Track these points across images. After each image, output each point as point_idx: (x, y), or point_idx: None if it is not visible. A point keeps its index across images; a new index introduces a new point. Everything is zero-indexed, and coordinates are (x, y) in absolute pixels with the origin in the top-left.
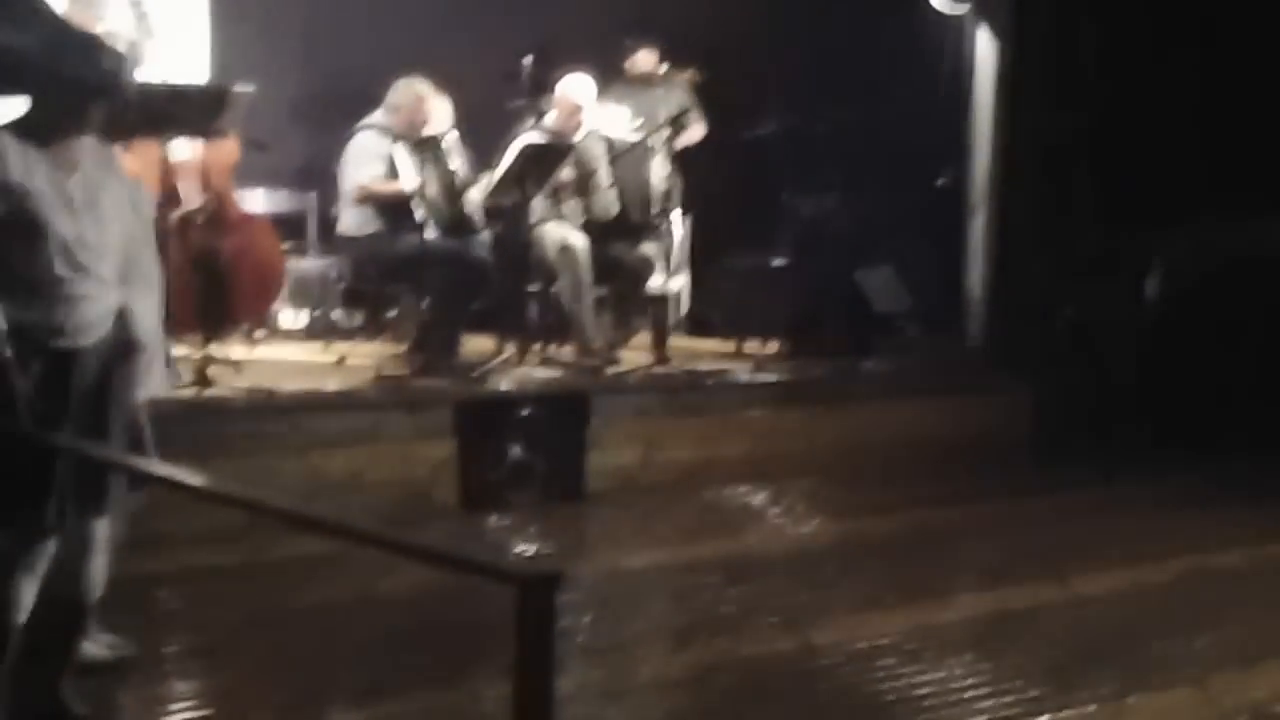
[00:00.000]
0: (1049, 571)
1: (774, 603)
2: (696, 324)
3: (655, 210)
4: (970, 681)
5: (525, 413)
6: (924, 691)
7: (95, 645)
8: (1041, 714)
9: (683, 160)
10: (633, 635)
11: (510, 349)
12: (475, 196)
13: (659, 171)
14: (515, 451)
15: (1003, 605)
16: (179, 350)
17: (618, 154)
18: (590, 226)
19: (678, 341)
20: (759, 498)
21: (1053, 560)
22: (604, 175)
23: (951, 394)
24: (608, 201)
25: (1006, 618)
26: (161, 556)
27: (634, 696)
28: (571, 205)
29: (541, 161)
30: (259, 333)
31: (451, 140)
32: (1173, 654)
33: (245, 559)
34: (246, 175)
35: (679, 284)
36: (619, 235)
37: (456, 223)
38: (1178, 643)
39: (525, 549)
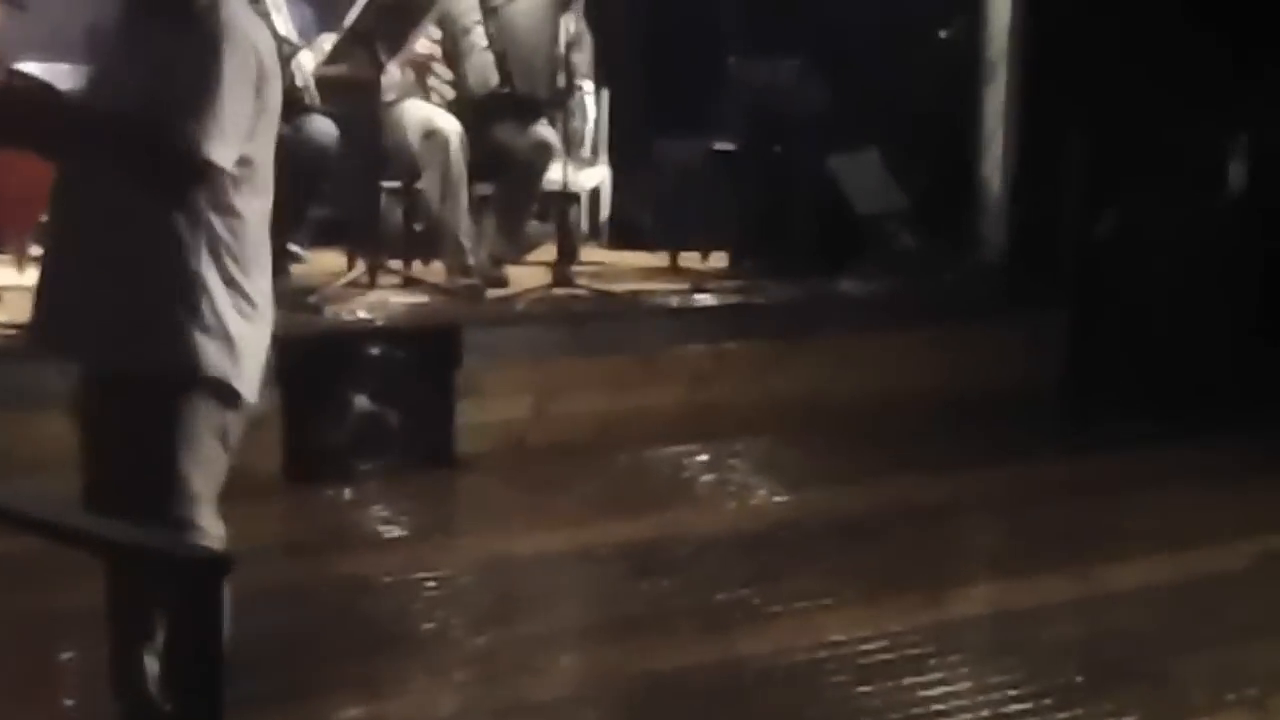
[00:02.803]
0: (1069, 559)
1: (700, 600)
2: (620, 232)
3: (557, 80)
4: (950, 703)
5: (376, 351)
6: (889, 716)
7: None
8: None
9: (596, 13)
10: (517, 641)
11: (359, 267)
12: (309, 66)
13: (562, 28)
14: (362, 403)
15: (1003, 603)
16: None
17: (499, 6)
18: (465, 104)
19: (593, 255)
20: (691, 463)
21: (1075, 544)
22: (480, 35)
23: (956, 324)
24: (485, 70)
25: (1007, 619)
26: None
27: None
28: (439, 77)
29: (395, 18)
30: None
31: None
32: (1224, 667)
33: None
34: (11, 45)
35: (594, 178)
36: (505, 114)
37: (285, 100)
38: (1231, 652)
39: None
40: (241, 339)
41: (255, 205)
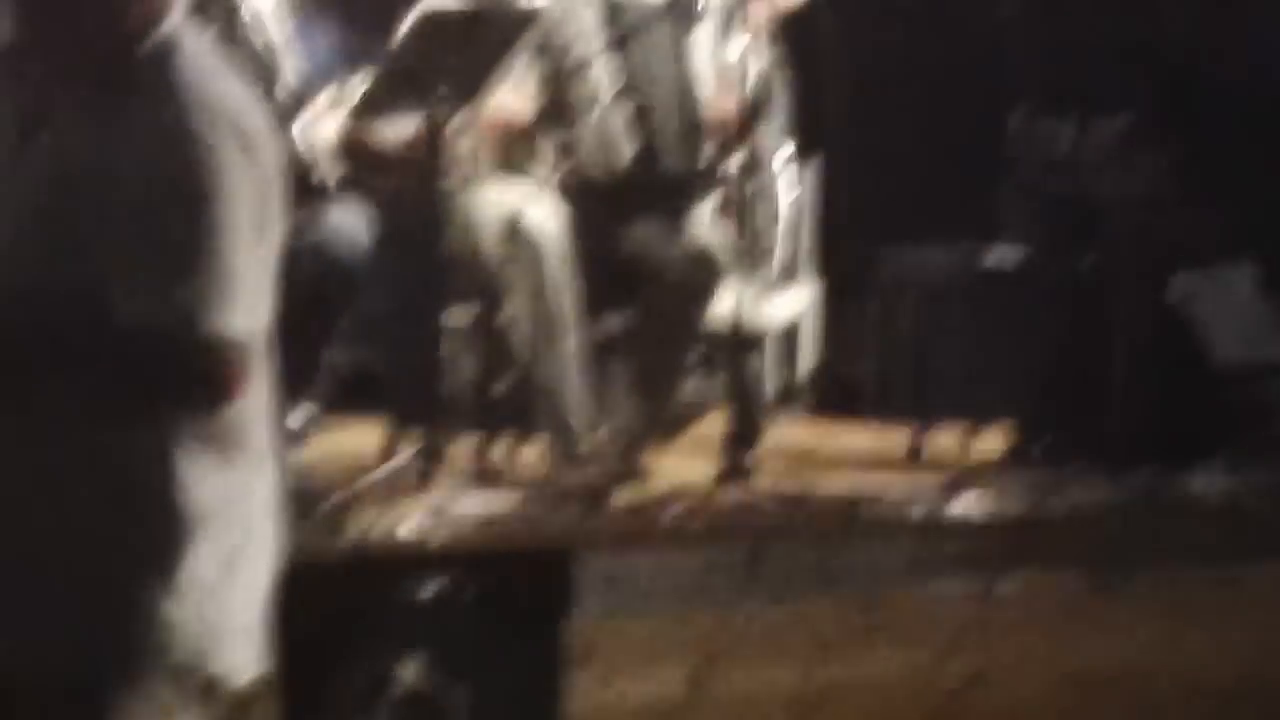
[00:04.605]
0: None
1: None
2: (830, 396)
3: (721, 146)
4: None
5: (431, 592)
6: None
7: None
8: None
9: (790, 42)
10: None
11: (404, 452)
12: (325, 128)
13: (733, 65)
14: (408, 677)
15: None
16: None
17: (635, 32)
18: (577, 188)
19: (787, 433)
20: None
21: None
22: (603, 78)
23: None
24: (612, 134)
25: None
26: None
27: None
28: (536, 145)
29: (466, 47)
30: None
31: (266, 9)
32: None
33: None
34: None
35: (790, 309)
36: (643, 206)
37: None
38: None
39: None
40: (227, 598)
41: (255, 390)
